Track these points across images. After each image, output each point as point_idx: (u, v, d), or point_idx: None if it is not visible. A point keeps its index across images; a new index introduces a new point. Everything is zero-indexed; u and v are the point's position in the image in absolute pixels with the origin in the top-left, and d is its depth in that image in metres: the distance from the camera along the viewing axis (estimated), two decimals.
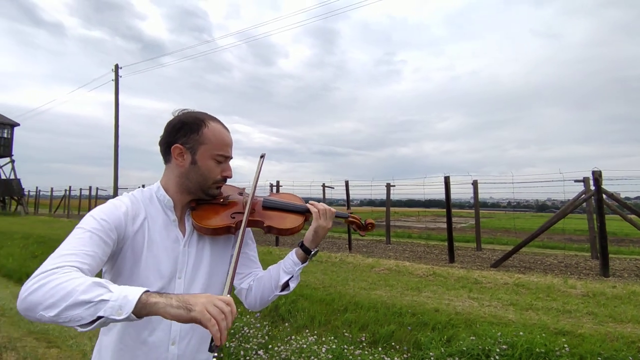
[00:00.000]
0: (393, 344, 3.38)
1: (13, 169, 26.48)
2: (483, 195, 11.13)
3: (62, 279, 0.77)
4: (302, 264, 1.16)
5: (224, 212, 1.16)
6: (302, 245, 1.18)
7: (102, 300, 0.74)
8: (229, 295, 0.87)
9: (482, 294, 4.71)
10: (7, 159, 26.32)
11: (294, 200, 1.26)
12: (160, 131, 1.15)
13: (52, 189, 25.26)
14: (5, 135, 25.98)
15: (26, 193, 26.76)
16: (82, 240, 0.90)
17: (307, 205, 1.21)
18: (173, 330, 1.05)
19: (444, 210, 8.63)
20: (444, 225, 8.81)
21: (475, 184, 9.99)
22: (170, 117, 1.14)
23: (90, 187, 22.13)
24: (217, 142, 1.10)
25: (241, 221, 1.13)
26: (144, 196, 1.12)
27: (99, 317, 0.74)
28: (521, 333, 3.14)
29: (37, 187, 27.45)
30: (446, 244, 8.50)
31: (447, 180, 8.45)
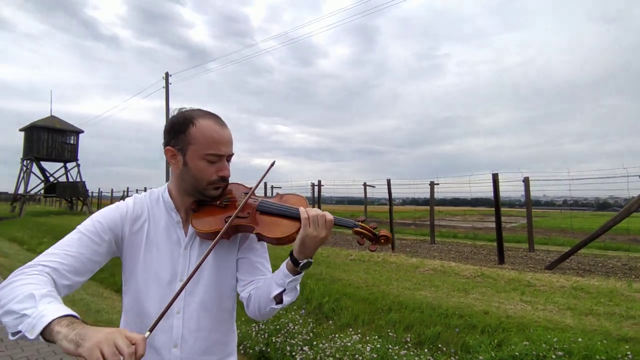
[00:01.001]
0: (439, 345, 3.31)
1: (79, 172, 28.98)
2: (535, 193, 10.49)
3: (20, 282, 0.80)
4: (293, 276, 1.01)
5: (219, 215, 1.08)
6: (291, 255, 1.03)
7: (25, 314, 0.73)
8: (146, 334, 0.77)
9: (536, 297, 4.47)
10: (74, 163, 28.81)
11: (298, 203, 1.09)
12: None
13: (112, 190, 27.30)
14: (71, 142, 28.44)
15: (90, 194, 29.12)
16: (70, 241, 0.96)
17: (299, 209, 1.03)
18: (175, 333, 1.03)
19: (492, 209, 8.26)
20: (492, 225, 8.44)
21: (526, 181, 9.45)
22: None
23: (145, 188, 23.68)
24: (205, 141, 1.02)
25: (234, 226, 1.05)
26: (152, 198, 1.13)
27: (19, 332, 0.73)
28: (580, 339, 2.95)
29: (99, 189, 29.76)
30: (495, 244, 8.12)
31: (495, 178, 8.07)
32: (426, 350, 3.25)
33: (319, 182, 12.47)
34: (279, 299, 1.03)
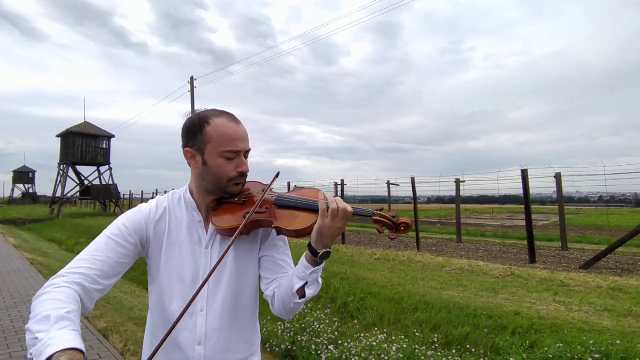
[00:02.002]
0: (468, 346, 3.24)
1: (111, 175, 30.20)
2: (568, 189, 10.06)
3: (46, 297, 0.84)
4: (313, 267, 1.00)
5: (238, 212, 1.09)
6: (309, 246, 1.01)
7: (37, 338, 0.76)
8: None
9: (570, 298, 4.29)
10: (106, 167, 30.07)
11: (315, 196, 1.08)
12: None
13: (142, 192, 28.25)
14: (104, 146, 29.71)
15: (122, 196, 30.28)
16: (97, 246, 0.99)
17: (319, 198, 1.03)
18: (198, 331, 1.04)
19: (522, 206, 7.98)
20: (522, 223, 8.16)
21: (558, 177, 9.07)
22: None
23: (172, 189, 24.27)
24: (221, 138, 1.04)
25: (253, 221, 1.06)
26: (174, 198, 1.15)
27: (31, 354, 0.76)
28: (618, 342, 2.81)
29: (130, 191, 30.87)
30: (525, 242, 7.85)
31: (524, 174, 7.80)
32: (454, 351, 3.19)
33: (342, 181, 12.44)
34: (301, 292, 1.02)
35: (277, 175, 1.13)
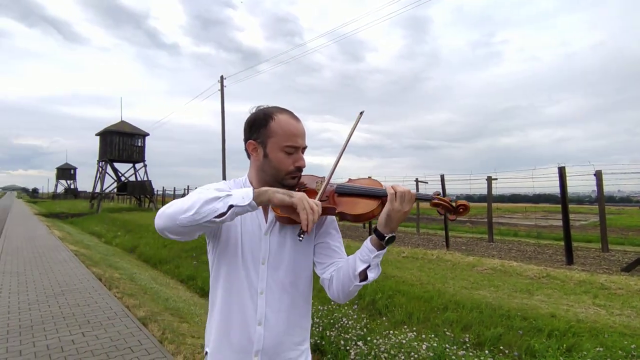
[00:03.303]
0: (501, 347, 3.18)
1: (146, 172, 31.47)
2: (609, 188, 9.53)
3: (189, 195, 0.98)
4: (377, 250, 1.06)
5: None
6: (375, 230, 1.08)
7: (228, 195, 0.94)
8: (319, 202, 1.03)
9: (611, 301, 4.10)
10: (141, 164, 31.35)
11: (373, 185, 1.18)
12: None
13: (174, 188, 29.24)
14: (139, 144, 30.98)
15: (155, 192, 31.50)
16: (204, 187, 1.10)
17: (385, 186, 1.11)
18: (259, 312, 1.10)
19: (558, 205, 7.67)
20: (558, 223, 7.84)
21: (599, 174, 8.62)
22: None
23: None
24: (284, 133, 1.11)
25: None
26: (236, 184, 1.22)
27: (231, 206, 0.93)
28: None
29: (163, 187, 32.07)
30: (562, 243, 7.55)
31: (562, 171, 7.48)
32: (487, 351, 3.13)
33: (369, 178, 12.36)
34: (363, 275, 1.07)
35: (361, 113, 1.24)
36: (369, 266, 1.07)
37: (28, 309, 4.59)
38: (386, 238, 1.05)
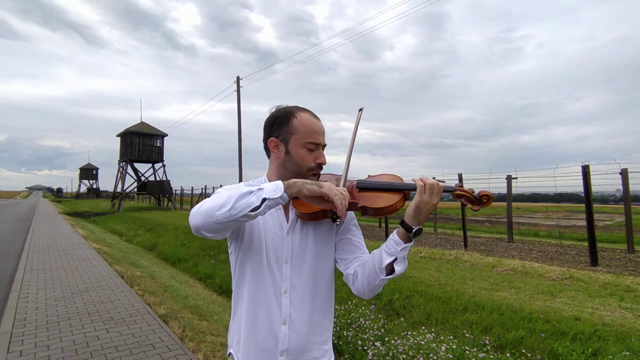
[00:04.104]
0: (523, 351, 3.11)
1: (164, 172, 32.14)
2: (636, 187, 9.18)
3: (218, 193, 0.98)
4: (404, 243, 1.05)
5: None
6: (402, 223, 1.07)
7: (260, 189, 0.95)
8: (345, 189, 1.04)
9: (638, 304, 3.96)
10: (160, 164, 32.03)
11: (393, 180, 1.18)
12: None
13: (192, 187, 29.80)
14: (158, 145, 31.66)
15: (174, 192, 32.12)
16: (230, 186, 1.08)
17: (412, 179, 1.11)
18: (283, 312, 1.11)
19: (581, 205, 7.44)
20: (581, 223, 7.61)
21: (624, 173, 8.32)
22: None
23: (220, 186, 25.36)
24: (305, 131, 1.14)
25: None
26: (258, 184, 1.22)
27: (264, 199, 0.94)
28: None
29: (181, 187, 32.70)
30: (585, 244, 7.34)
31: (585, 170, 7.26)
32: (508, 354, 3.08)
33: (390, 174, 12.27)
34: (389, 269, 1.07)
35: (360, 110, 1.23)
36: (395, 259, 1.06)
37: (55, 305, 4.75)
38: (414, 230, 1.04)
